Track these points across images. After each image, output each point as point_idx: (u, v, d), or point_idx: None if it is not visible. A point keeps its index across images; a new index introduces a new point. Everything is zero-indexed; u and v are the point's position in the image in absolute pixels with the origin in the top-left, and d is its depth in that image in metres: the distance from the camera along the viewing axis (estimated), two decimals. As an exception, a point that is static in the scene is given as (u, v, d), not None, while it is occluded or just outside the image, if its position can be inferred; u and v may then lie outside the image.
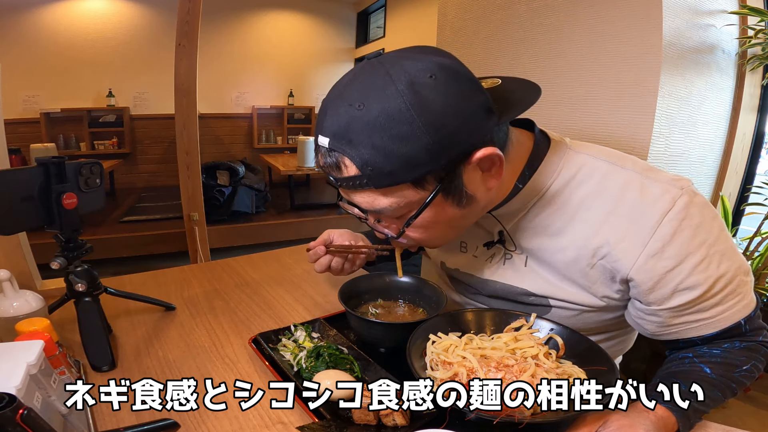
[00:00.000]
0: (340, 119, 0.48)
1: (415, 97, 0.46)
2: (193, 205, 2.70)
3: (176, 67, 2.46)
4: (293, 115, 5.97)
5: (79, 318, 0.68)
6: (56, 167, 0.65)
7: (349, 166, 0.49)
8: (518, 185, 0.60)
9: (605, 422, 0.51)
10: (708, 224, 0.55)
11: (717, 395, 0.57)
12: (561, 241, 0.61)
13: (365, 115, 0.47)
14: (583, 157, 0.60)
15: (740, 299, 0.57)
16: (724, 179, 1.59)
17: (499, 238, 0.68)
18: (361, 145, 0.47)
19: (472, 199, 0.55)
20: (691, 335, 0.59)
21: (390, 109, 0.46)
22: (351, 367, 0.65)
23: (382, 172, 0.48)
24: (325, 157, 0.51)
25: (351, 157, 0.48)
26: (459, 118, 0.48)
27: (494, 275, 0.70)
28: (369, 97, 0.47)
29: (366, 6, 5.71)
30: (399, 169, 0.48)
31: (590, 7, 1.30)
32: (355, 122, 0.47)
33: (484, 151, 0.50)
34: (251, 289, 0.99)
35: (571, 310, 0.65)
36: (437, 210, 0.53)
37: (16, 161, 3.52)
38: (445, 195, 0.52)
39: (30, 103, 4.53)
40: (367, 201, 0.53)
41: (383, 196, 0.51)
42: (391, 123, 0.46)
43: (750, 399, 1.64)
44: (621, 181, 0.57)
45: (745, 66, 1.48)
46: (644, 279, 0.56)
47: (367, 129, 0.47)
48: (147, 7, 4.80)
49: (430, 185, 0.51)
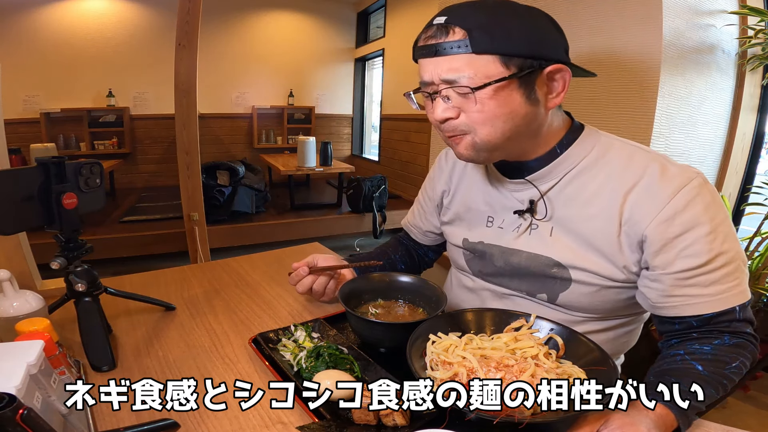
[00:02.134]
0: (460, 6, 0.59)
1: (524, 3, 0.60)
2: (193, 205, 2.70)
3: (176, 67, 2.46)
4: (293, 115, 5.96)
5: (79, 318, 0.68)
6: (56, 167, 0.65)
7: (457, 32, 0.58)
8: (557, 150, 0.68)
9: (606, 421, 0.51)
10: (717, 206, 0.61)
11: (711, 392, 0.59)
12: (591, 210, 0.66)
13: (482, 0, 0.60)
14: (614, 141, 0.69)
15: (737, 284, 0.60)
16: (724, 179, 1.59)
17: (529, 207, 0.71)
18: (474, 18, 0.58)
19: (536, 103, 0.62)
20: (689, 312, 0.61)
21: (501, 2, 0.60)
22: (351, 367, 0.65)
23: (485, 39, 0.57)
24: (434, 30, 0.60)
25: (462, 25, 0.58)
26: (548, 32, 0.61)
27: (519, 245, 0.73)
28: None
29: (366, 6, 5.71)
30: (499, 41, 0.57)
31: (590, 7, 1.30)
32: (471, 4, 0.59)
33: (558, 65, 0.60)
34: (251, 289, 0.99)
35: (591, 285, 0.68)
36: (507, 93, 0.60)
37: (16, 161, 3.51)
38: (520, 82, 0.59)
39: (30, 103, 4.53)
40: (453, 66, 0.59)
41: (471, 63, 0.58)
42: (503, 8, 0.59)
43: (750, 399, 1.64)
44: (645, 161, 0.64)
45: (745, 66, 1.48)
46: (654, 239, 0.61)
47: (481, 9, 0.59)
48: (147, 7, 4.80)
49: (514, 67, 0.58)
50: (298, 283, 0.83)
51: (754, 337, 0.62)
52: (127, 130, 4.99)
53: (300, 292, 0.82)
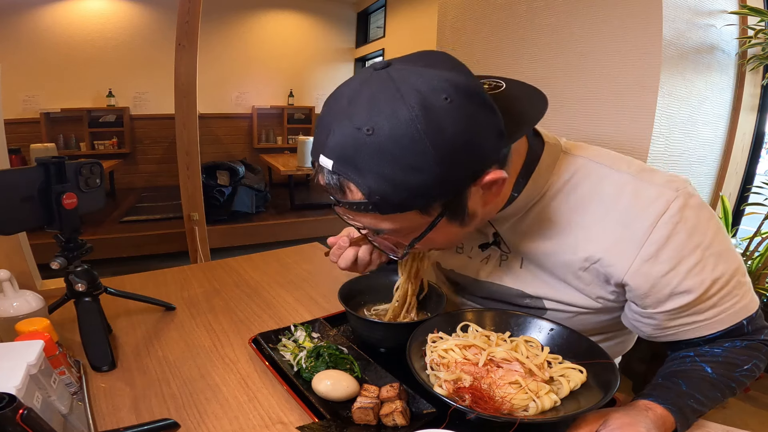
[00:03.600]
0: (345, 142, 0.45)
1: (429, 124, 0.42)
2: (193, 205, 2.70)
3: (176, 67, 2.46)
4: (293, 115, 5.97)
5: (79, 318, 0.68)
6: (56, 167, 0.65)
7: (354, 192, 0.47)
8: (514, 195, 0.60)
9: (606, 421, 0.51)
10: (703, 226, 0.54)
11: (716, 395, 0.57)
12: (554, 245, 0.60)
13: (374, 140, 0.43)
14: (578, 161, 0.60)
15: (737, 300, 0.56)
16: (724, 179, 1.59)
17: (494, 239, 0.68)
18: (369, 173, 0.44)
19: (474, 216, 0.54)
20: (689, 336, 0.59)
21: (402, 136, 0.42)
22: (351, 367, 0.65)
23: (389, 202, 0.46)
24: (327, 178, 0.48)
25: (357, 183, 0.46)
26: (472, 146, 0.45)
27: (489, 276, 0.70)
28: (378, 120, 0.43)
29: (366, 6, 5.71)
30: (407, 199, 0.46)
31: (590, 8, 1.30)
32: (363, 148, 0.44)
33: (492, 175, 0.48)
34: (251, 289, 0.99)
35: (566, 312, 0.65)
36: (440, 230, 0.53)
37: (16, 161, 3.51)
38: (450, 218, 0.51)
39: (30, 103, 4.53)
40: (369, 222, 0.52)
41: (387, 220, 0.50)
42: (402, 152, 0.43)
43: (750, 399, 1.64)
44: (615, 185, 0.57)
45: (745, 66, 1.48)
46: (639, 283, 0.55)
47: (376, 157, 0.43)
48: (147, 7, 4.80)
49: (435, 210, 0.49)
50: (341, 258, 0.73)
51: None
52: (127, 130, 4.99)
53: (342, 267, 0.73)
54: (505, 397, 0.50)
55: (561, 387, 0.53)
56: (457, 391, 0.52)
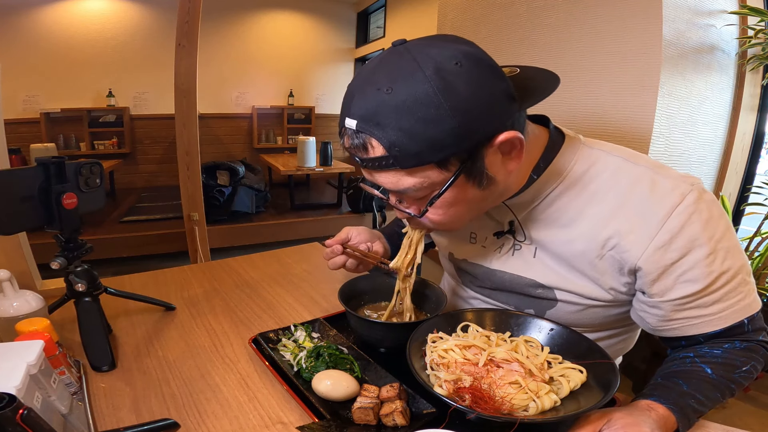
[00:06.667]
0: (368, 102, 0.50)
1: (442, 82, 0.47)
2: (193, 205, 2.70)
3: (176, 67, 2.46)
4: (293, 115, 5.96)
5: (79, 318, 0.68)
6: (56, 167, 0.65)
7: (376, 147, 0.51)
8: (533, 176, 0.62)
9: (609, 421, 0.51)
10: (715, 220, 0.56)
11: (716, 396, 0.58)
12: (571, 233, 0.62)
13: (393, 98, 0.48)
14: (597, 153, 0.62)
15: (742, 298, 0.57)
16: (724, 179, 1.59)
17: (509, 228, 0.69)
18: (389, 127, 0.49)
19: (492, 181, 0.56)
20: (692, 332, 0.60)
21: (418, 93, 0.47)
22: (351, 367, 0.65)
23: (409, 153, 0.49)
24: (352, 139, 0.52)
25: (378, 138, 0.50)
26: (483, 103, 0.49)
27: (502, 266, 0.71)
28: (397, 81, 0.48)
29: (366, 6, 5.71)
30: (425, 151, 0.49)
31: (590, 7, 1.30)
32: (383, 105, 0.48)
33: (506, 134, 0.51)
34: (251, 289, 0.99)
35: (576, 304, 0.66)
36: (459, 190, 0.55)
37: (16, 161, 3.51)
38: (467, 176, 0.54)
39: (30, 103, 4.53)
40: (391, 181, 0.54)
41: (408, 176, 0.53)
42: (418, 106, 0.47)
43: (750, 399, 1.64)
44: (632, 176, 0.59)
45: (745, 66, 1.48)
46: (650, 269, 0.57)
47: (395, 112, 0.48)
48: (147, 7, 4.80)
49: (453, 166, 0.52)
50: (331, 261, 0.79)
51: (767, 342, 0.61)
52: (127, 130, 4.99)
53: (332, 268, 0.80)
54: (505, 397, 0.50)
55: (561, 387, 0.54)
56: (457, 391, 0.52)
